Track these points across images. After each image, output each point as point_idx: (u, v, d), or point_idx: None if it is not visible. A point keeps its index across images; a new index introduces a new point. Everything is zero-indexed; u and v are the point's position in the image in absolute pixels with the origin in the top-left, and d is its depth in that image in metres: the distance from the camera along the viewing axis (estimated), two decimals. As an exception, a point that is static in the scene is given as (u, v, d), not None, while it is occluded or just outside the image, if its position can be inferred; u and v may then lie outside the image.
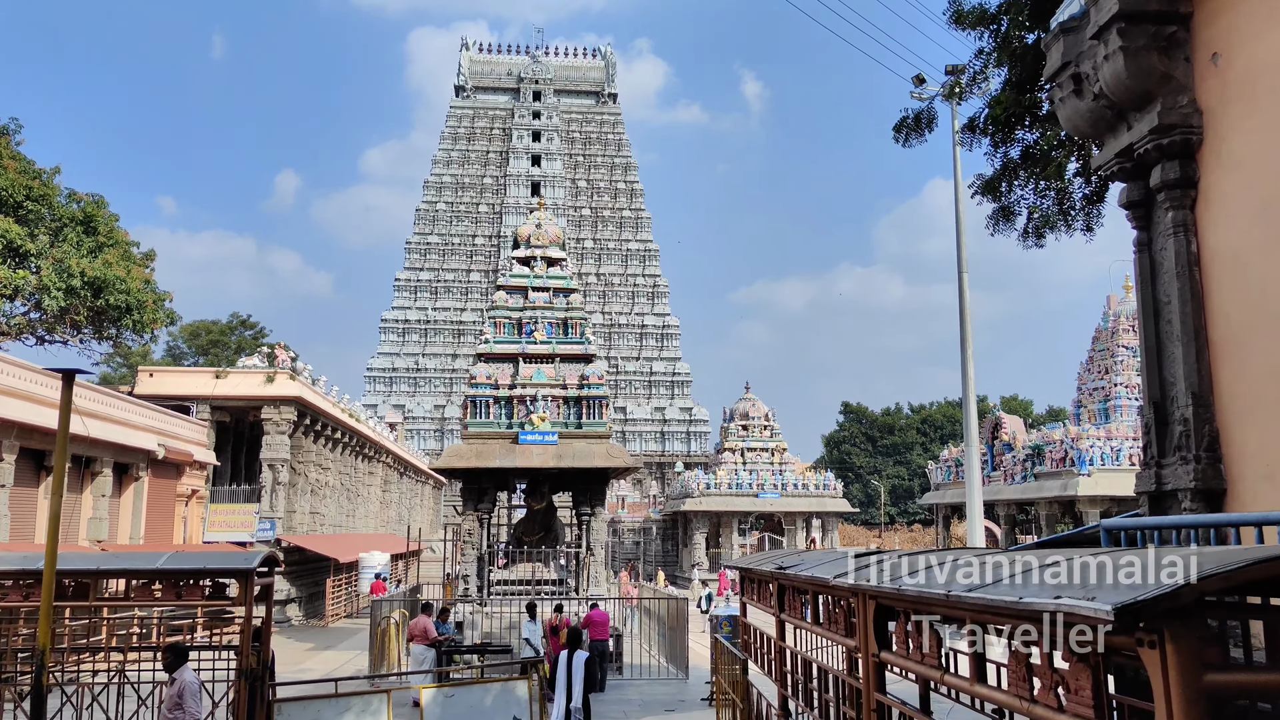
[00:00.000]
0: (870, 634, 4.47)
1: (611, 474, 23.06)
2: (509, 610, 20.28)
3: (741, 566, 8.90)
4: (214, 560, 9.65)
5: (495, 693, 10.54)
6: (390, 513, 54.04)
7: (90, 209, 28.50)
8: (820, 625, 5.64)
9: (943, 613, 3.53)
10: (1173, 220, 5.40)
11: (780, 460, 55.30)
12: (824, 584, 5.25)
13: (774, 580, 7.08)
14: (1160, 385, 5.52)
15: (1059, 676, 2.67)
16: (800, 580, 5.62)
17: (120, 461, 24.46)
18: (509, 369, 23.27)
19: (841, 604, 5.18)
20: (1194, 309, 5.27)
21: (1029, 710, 2.82)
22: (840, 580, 4.52)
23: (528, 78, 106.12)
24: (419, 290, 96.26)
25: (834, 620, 5.27)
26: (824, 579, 4.98)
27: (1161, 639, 2.20)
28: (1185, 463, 5.16)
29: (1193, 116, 5.33)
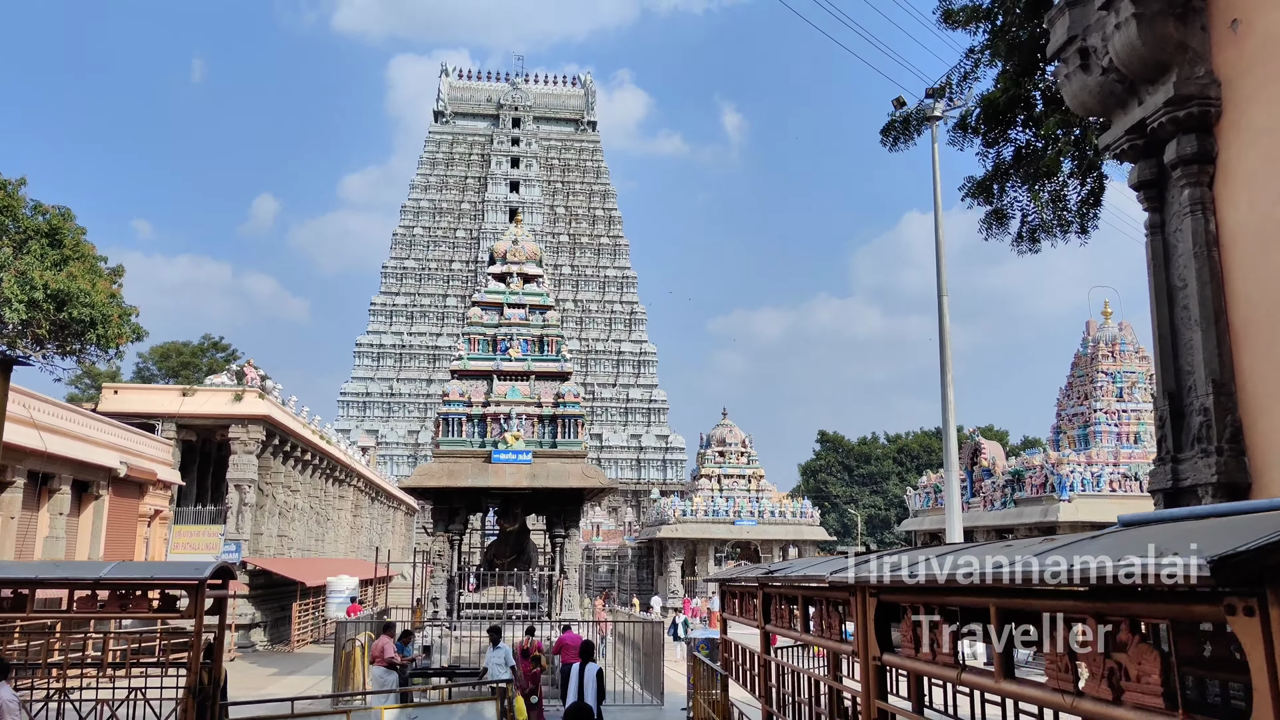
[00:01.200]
0: (871, 635, 4.04)
1: (587, 495, 22.56)
2: (479, 634, 19.68)
3: (723, 578, 8.46)
4: (162, 570, 9.09)
5: (461, 714, 10.00)
6: (361, 538, 53.10)
7: (56, 221, 27.81)
8: (811, 633, 5.20)
9: (963, 603, 3.12)
10: (1189, 198, 5.06)
11: (757, 487, 54.86)
12: (818, 585, 4.82)
13: (760, 590, 6.63)
14: (1176, 375, 5.16)
15: (1114, 663, 2.25)
16: (792, 581, 5.19)
17: (80, 479, 23.70)
18: (483, 386, 22.78)
19: (837, 608, 4.75)
20: (1214, 291, 4.92)
21: (1075, 707, 2.40)
22: (839, 577, 4.09)
23: (507, 104, 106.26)
24: (395, 315, 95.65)
25: (828, 625, 4.84)
26: (819, 577, 4.55)
27: (1263, 603, 1.79)
28: (1205, 455, 4.79)
29: (1210, 87, 5.01)
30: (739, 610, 7.65)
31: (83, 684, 9.26)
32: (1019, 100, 8.60)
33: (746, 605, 7.49)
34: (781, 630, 6.04)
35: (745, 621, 7.62)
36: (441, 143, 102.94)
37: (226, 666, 18.80)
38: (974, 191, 9.56)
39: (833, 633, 4.73)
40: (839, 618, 4.67)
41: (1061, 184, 9.07)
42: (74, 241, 28.36)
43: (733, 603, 8.66)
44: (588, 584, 52.07)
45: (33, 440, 20.61)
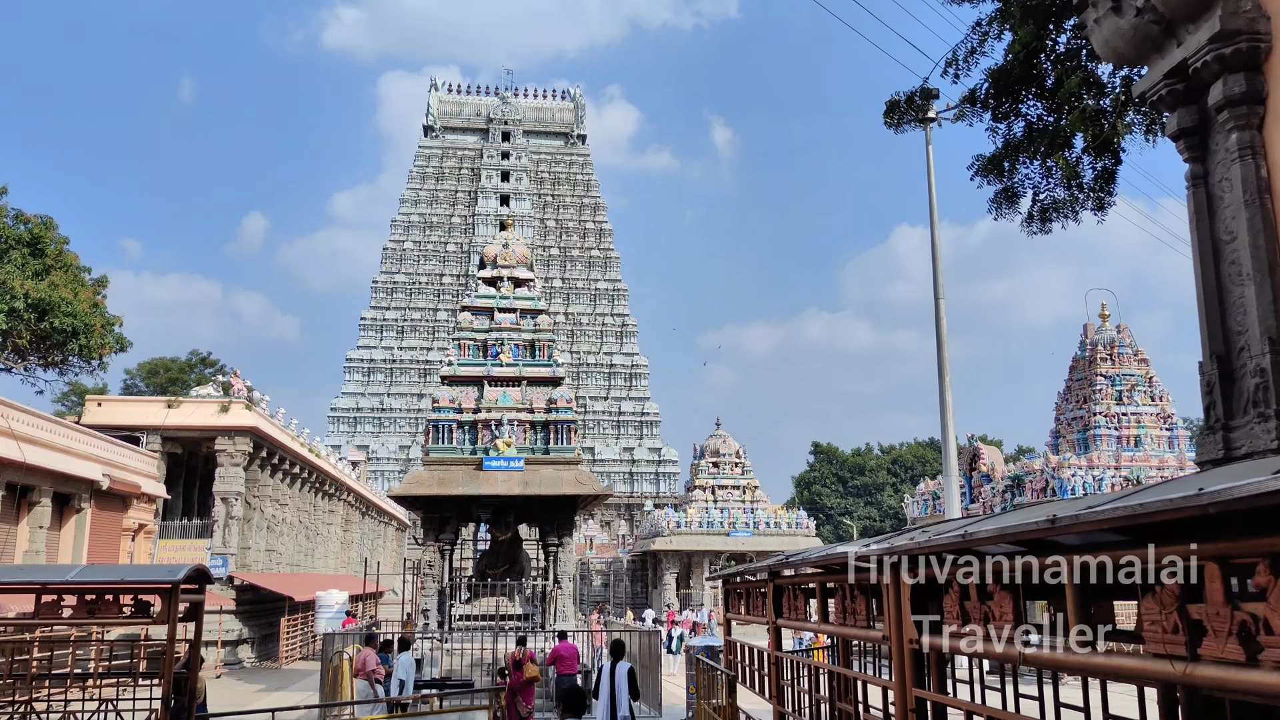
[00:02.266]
0: (906, 615, 3.60)
1: (580, 502, 22.06)
2: (473, 647, 19.15)
3: (728, 574, 8.00)
4: (133, 573, 8.59)
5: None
6: (352, 553, 52.43)
7: (38, 230, 27.36)
8: (831, 623, 4.75)
9: (1023, 566, 2.68)
10: (1238, 142, 4.66)
11: (752, 498, 54.33)
12: (838, 568, 4.37)
13: (770, 582, 6.19)
14: (1224, 336, 4.75)
15: (1246, 615, 1.82)
16: (810, 565, 4.74)
17: (61, 491, 23.12)
18: (473, 392, 22.31)
19: (859, 593, 4.30)
20: (1267, 241, 4.52)
21: (1190, 675, 1.97)
22: (872, 551, 3.66)
23: (497, 118, 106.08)
24: (385, 329, 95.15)
25: (852, 611, 4.39)
26: (840, 557, 4.11)
27: None
28: (1263, 420, 4.37)
29: (1259, 21, 4.63)
30: (746, 608, 7.19)
31: (50, 697, 8.75)
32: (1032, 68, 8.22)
33: (754, 602, 7.04)
34: (795, 623, 5.59)
35: (753, 619, 7.17)
36: (431, 157, 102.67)
37: (212, 683, 18.21)
38: (984, 169, 9.16)
39: (858, 619, 4.28)
40: (867, 599, 4.22)
41: (1076, 159, 8.67)
42: (56, 251, 27.91)
43: (737, 603, 8.20)
44: (582, 598, 51.43)
45: (11, 451, 20.06)
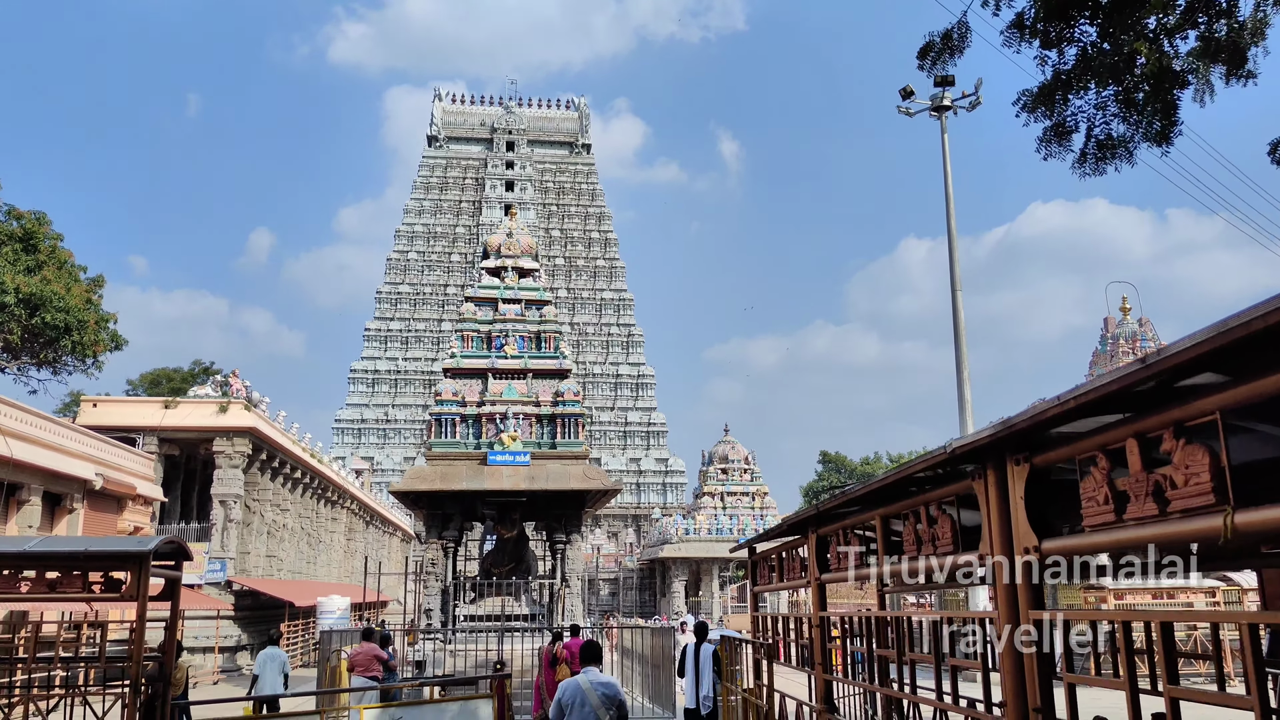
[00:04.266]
0: (1019, 515, 2.82)
1: (589, 498, 21.25)
2: (477, 648, 18.30)
3: (754, 540, 7.22)
4: (100, 544, 7.83)
5: (452, 715, 8.70)
6: (355, 562, 51.56)
7: (31, 226, 26.70)
8: (905, 558, 3.96)
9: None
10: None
11: (762, 505, 53.49)
12: (921, 475, 3.58)
13: (811, 533, 5.40)
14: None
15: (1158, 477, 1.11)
16: (872, 490, 3.93)
17: (52, 491, 22.36)
18: (477, 385, 21.55)
19: (942, 511, 3.51)
20: None
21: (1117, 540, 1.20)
22: (974, 436, 2.87)
23: (501, 128, 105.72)
24: (389, 340, 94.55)
25: (932, 539, 3.60)
26: (927, 460, 3.32)
27: None
28: None
29: None
30: (780, 573, 6.39)
31: (13, 680, 7.98)
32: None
33: (790, 563, 6.24)
34: (844, 573, 4.79)
35: (789, 583, 6.37)
36: (435, 167, 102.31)
37: (208, 689, 17.41)
38: (1033, 102, 8.37)
39: (941, 544, 3.49)
40: (950, 524, 3.43)
41: (1135, 84, 7.90)
42: (50, 248, 27.26)
43: (767, 572, 7.41)
44: (590, 608, 50.50)
45: (-3, 446, 19.32)
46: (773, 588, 6.78)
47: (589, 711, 7.22)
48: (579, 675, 7.62)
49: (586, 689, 7.32)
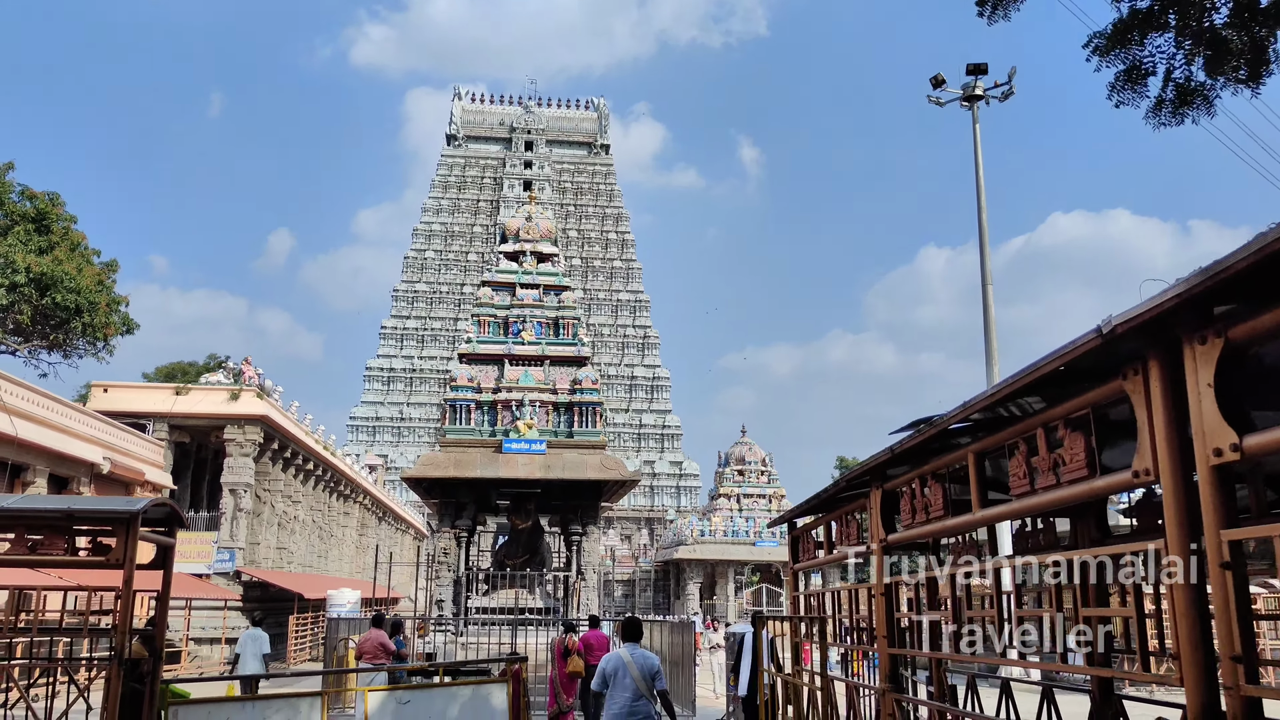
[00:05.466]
0: (1209, 408, 2.16)
1: (606, 489, 20.59)
2: (489, 641, 17.65)
3: (796, 511, 6.57)
4: (84, 503, 7.24)
5: (464, 701, 8.08)
6: (367, 558, 51.03)
7: (44, 206, 26.29)
8: (1013, 497, 3.29)
9: None
10: None
11: (779, 507, 52.67)
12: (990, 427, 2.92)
13: (874, 489, 4.74)
14: None
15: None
16: (973, 411, 3.26)
17: (57, 473, 21.90)
18: (493, 371, 20.95)
19: (1064, 430, 2.86)
20: None
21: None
22: (1147, 304, 2.22)
23: (520, 127, 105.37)
24: (405, 339, 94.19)
25: (1054, 466, 2.93)
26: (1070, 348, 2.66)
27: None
28: None
29: None
30: (838, 536, 5.72)
31: None
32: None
33: (846, 530, 5.58)
34: (929, 529, 4.12)
35: (839, 557, 5.71)
36: (454, 166, 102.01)
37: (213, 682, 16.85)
38: (1107, 44, 7.65)
39: (1070, 470, 2.82)
40: (1084, 440, 2.77)
41: (1222, 24, 7.22)
42: (63, 230, 26.87)
43: (809, 546, 6.75)
44: (603, 610, 49.80)
45: (3, 425, 18.85)
46: (821, 561, 6.12)
47: (630, 682, 7.68)
48: (621, 648, 8.05)
49: (628, 660, 7.78)
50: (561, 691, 15.13)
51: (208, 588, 26.10)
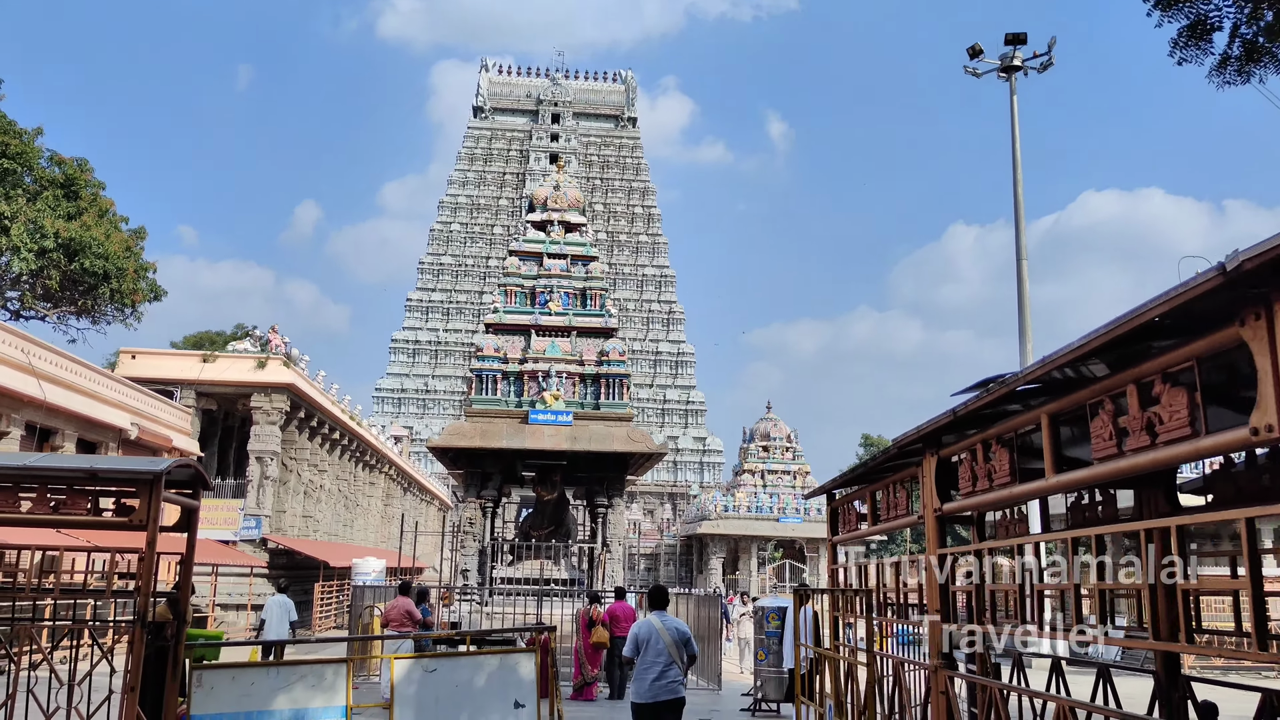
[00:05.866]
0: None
1: (632, 462, 20.44)
2: (514, 611, 17.57)
3: (843, 477, 6.33)
4: (107, 463, 7.12)
5: (491, 670, 7.93)
6: (392, 528, 51.30)
7: (72, 172, 26.31)
8: (1104, 452, 3.03)
9: None
10: None
11: (803, 484, 52.43)
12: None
13: (930, 450, 4.49)
14: None
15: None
16: (1074, 354, 2.99)
17: (85, 438, 21.96)
18: (520, 342, 20.78)
19: (1161, 385, 2.59)
20: None
21: None
22: None
23: (546, 100, 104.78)
24: (430, 311, 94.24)
25: (1147, 425, 2.67)
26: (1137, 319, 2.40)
27: None
28: None
29: None
30: (884, 507, 5.48)
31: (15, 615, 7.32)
32: None
33: (891, 499, 5.33)
34: (994, 497, 3.87)
35: (885, 527, 5.47)
36: (480, 138, 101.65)
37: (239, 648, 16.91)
38: None
39: (1170, 427, 2.56)
40: (1187, 396, 2.51)
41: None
42: (92, 195, 26.89)
43: (849, 518, 6.51)
44: (627, 584, 49.85)
45: (31, 388, 18.87)
46: (864, 533, 5.89)
47: (662, 648, 7.80)
48: (652, 615, 8.19)
49: (660, 628, 7.90)
50: (586, 662, 15.06)
51: (234, 554, 26.21)
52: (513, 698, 7.87)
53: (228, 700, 7.25)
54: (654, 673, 7.86)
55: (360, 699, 12.05)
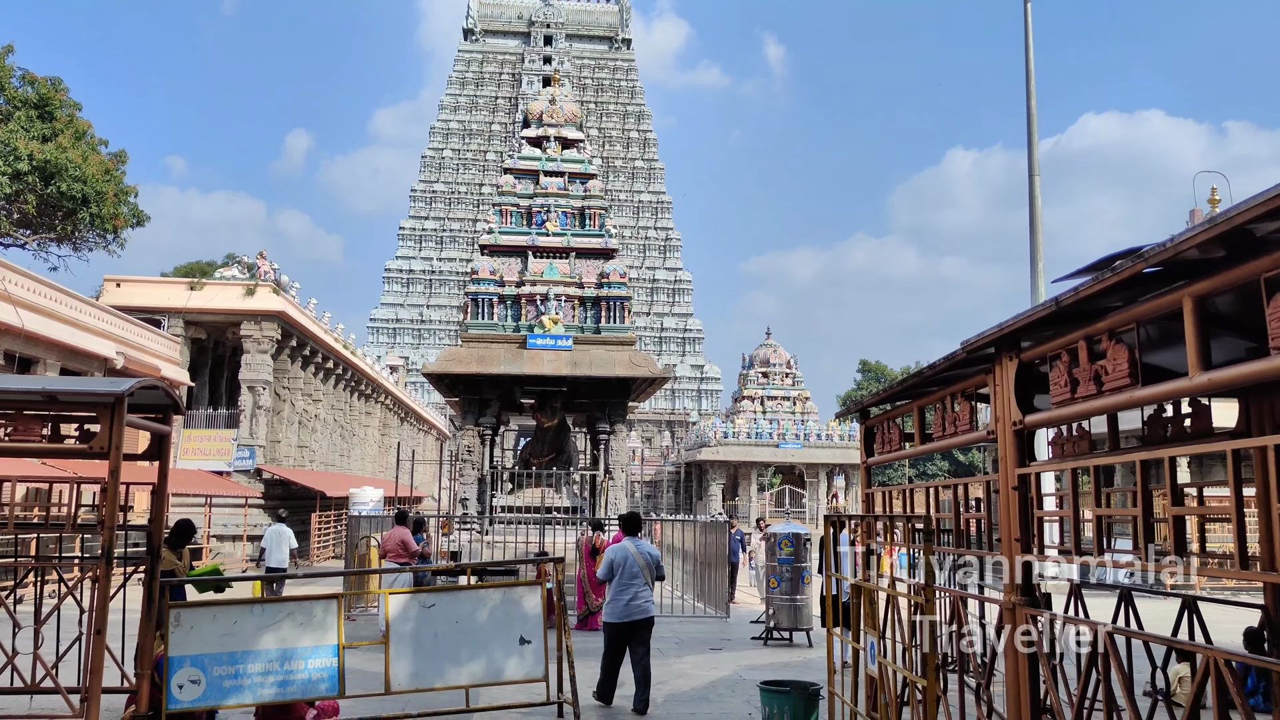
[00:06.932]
0: None
1: (634, 386, 19.83)
2: (515, 540, 17.10)
3: (876, 398, 5.67)
4: (62, 384, 6.46)
5: (493, 605, 7.37)
6: (389, 458, 50.99)
7: (45, 91, 25.16)
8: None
9: None
10: None
11: (803, 410, 52.05)
12: None
13: (1007, 353, 3.82)
14: None
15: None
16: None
17: (69, 368, 21.28)
18: (516, 264, 20.01)
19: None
20: None
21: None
22: None
23: (539, 21, 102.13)
24: (424, 240, 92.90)
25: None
26: None
27: None
28: None
29: None
30: (938, 423, 4.81)
31: None
32: None
33: (949, 414, 4.66)
34: (1106, 401, 3.19)
35: (942, 444, 4.82)
36: (471, 62, 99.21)
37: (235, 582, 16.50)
38: None
39: None
40: None
41: None
42: (68, 117, 25.77)
43: (890, 436, 5.86)
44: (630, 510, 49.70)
45: (8, 315, 18.14)
46: (912, 452, 5.25)
47: (637, 571, 8.49)
48: (626, 540, 8.89)
49: (634, 552, 8.64)
50: (590, 591, 14.61)
51: (228, 485, 25.74)
52: (517, 633, 7.34)
53: (209, 640, 6.68)
54: (629, 594, 8.48)
55: (358, 632, 11.58)
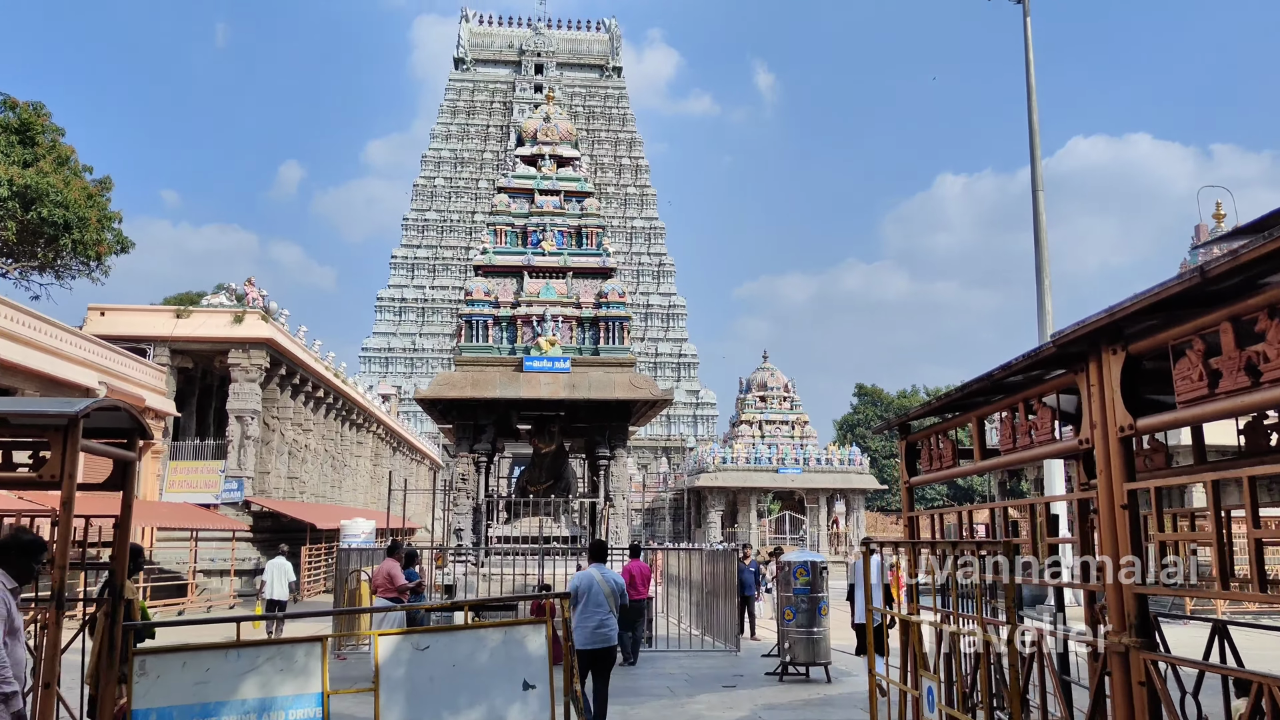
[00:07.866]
0: None
1: (635, 409, 19.16)
2: (513, 572, 16.36)
3: (919, 411, 5.03)
4: (7, 404, 5.80)
5: (494, 645, 6.69)
6: (381, 489, 50.09)
7: (26, 116, 24.62)
8: None
9: None
10: None
11: (801, 434, 51.38)
12: None
13: (1108, 346, 3.20)
14: None
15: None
16: None
17: (49, 398, 20.54)
18: (512, 284, 19.40)
19: None
20: None
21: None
22: None
23: (529, 50, 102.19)
24: (416, 268, 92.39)
25: None
26: None
27: None
28: None
29: None
30: (1005, 434, 4.18)
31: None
32: None
33: (1022, 422, 4.02)
34: (1265, 395, 2.58)
35: (1014, 459, 4.18)
36: (462, 91, 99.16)
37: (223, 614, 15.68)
38: None
39: None
40: None
41: None
42: (50, 142, 25.21)
43: (940, 450, 5.21)
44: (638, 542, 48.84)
45: (-18, 344, 17.47)
46: (972, 469, 4.61)
47: (602, 599, 8.58)
48: (592, 568, 9.01)
49: (600, 580, 8.73)
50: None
51: (215, 518, 24.97)
52: (520, 677, 6.65)
53: (179, 691, 5.98)
54: (594, 621, 8.59)
55: (348, 672, 10.84)
